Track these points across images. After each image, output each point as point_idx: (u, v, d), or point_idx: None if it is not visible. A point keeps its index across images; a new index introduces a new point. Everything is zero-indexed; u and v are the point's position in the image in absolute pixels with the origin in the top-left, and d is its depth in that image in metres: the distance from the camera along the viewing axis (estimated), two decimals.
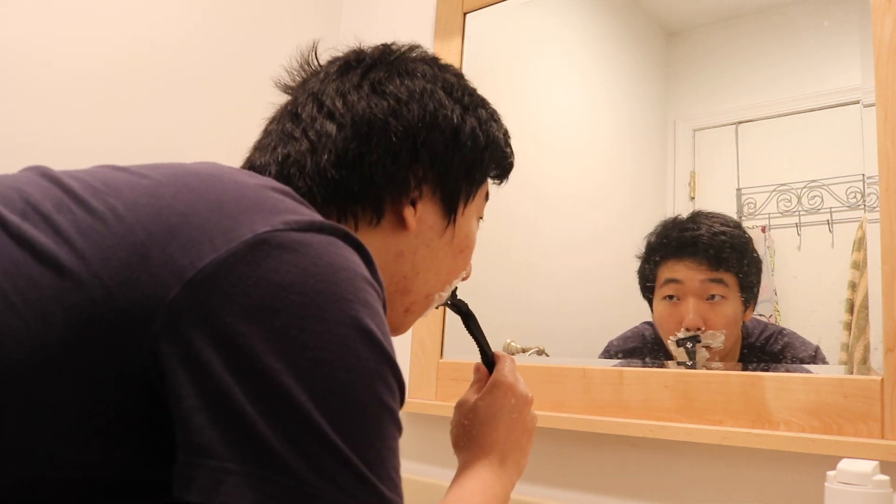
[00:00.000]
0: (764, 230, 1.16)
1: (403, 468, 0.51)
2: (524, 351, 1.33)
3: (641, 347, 1.22)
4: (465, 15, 1.52)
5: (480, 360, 0.87)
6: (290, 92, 0.75)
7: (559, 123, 1.48)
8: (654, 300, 1.21)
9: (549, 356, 1.31)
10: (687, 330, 1.14)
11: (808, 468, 0.96)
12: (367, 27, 1.73)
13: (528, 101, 1.50)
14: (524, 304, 1.40)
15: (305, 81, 0.74)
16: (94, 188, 0.52)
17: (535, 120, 1.47)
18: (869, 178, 1.02)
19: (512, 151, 0.79)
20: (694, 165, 1.27)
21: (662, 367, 1.16)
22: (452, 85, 0.72)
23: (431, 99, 0.70)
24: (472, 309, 0.87)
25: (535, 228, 1.42)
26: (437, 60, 0.75)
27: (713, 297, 1.15)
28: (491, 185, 0.80)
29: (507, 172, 0.80)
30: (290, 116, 0.70)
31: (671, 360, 1.16)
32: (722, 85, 1.27)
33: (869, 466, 0.76)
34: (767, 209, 1.16)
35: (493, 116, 0.76)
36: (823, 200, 1.11)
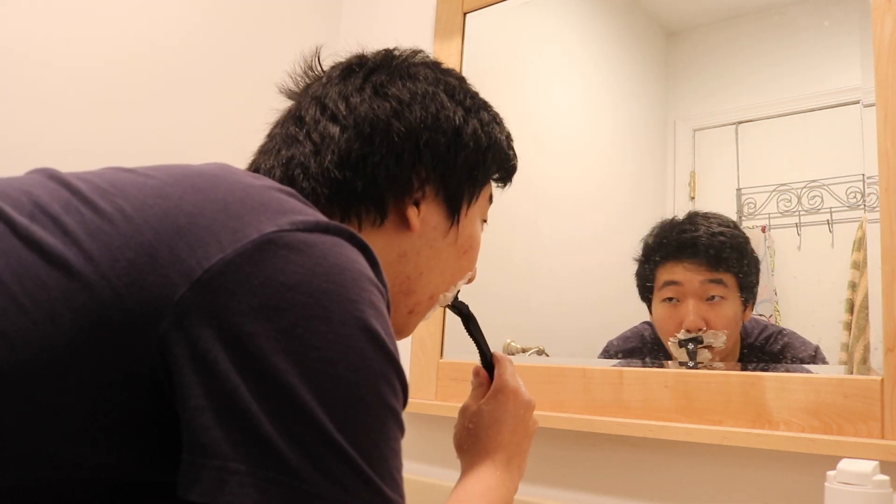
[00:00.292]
0: (764, 230, 1.16)
1: (404, 469, 0.51)
2: (524, 351, 1.33)
3: (641, 347, 1.22)
4: (465, 15, 1.52)
5: (480, 362, 0.87)
6: (293, 97, 0.76)
7: (559, 123, 1.48)
8: (652, 302, 1.21)
9: (549, 356, 1.31)
10: (688, 331, 1.14)
11: (808, 468, 0.96)
12: (367, 27, 1.73)
13: (528, 101, 1.50)
14: (524, 304, 1.40)
15: (308, 86, 0.75)
16: (101, 189, 0.52)
17: (535, 120, 1.47)
18: (869, 178, 1.02)
19: (515, 154, 0.79)
20: (694, 165, 1.27)
21: (662, 367, 1.16)
22: (454, 88, 0.73)
23: (433, 101, 0.70)
24: (472, 311, 0.87)
25: (535, 228, 1.42)
26: (438, 65, 0.76)
27: (713, 297, 1.15)
28: (494, 187, 0.80)
29: (510, 175, 0.80)
30: (293, 120, 0.71)
31: (671, 360, 1.16)
32: (722, 85, 1.27)
33: (869, 466, 0.76)
34: (767, 209, 1.16)
35: (495, 119, 0.77)
36: (823, 200, 1.11)
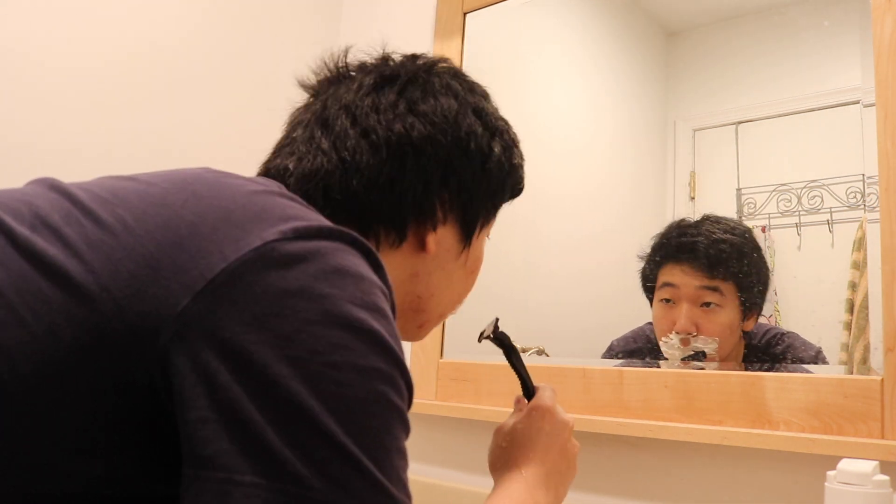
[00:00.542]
0: (764, 230, 1.16)
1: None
2: (524, 351, 1.33)
3: (644, 348, 1.22)
4: (465, 15, 1.52)
5: (521, 392, 0.87)
6: (312, 92, 0.73)
7: (559, 123, 1.48)
8: (653, 301, 1.21)
9: (549, 356, 1.31)
10: (677, 333, 1.14)
11: (808, 468, 0.96)
12: (367, 27, 1.73)
13: (528, 101, 1.50)
14: (524, 304, 1.40)
15: (332, 86, 0.72)
16: (102, 199, 0.52)
17: (535, 120, 1.47)
18: (869, 178, 1.02)
19: (524, 176, 0.79)
20: (694, 165, 1.27)
21: (666, 367, 1.16)
22: (482, 109, 0.73)
23: (464, 123, 0.70)
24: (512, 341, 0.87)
25: (534, 229, 1.42)
26: (465, 77, 0.75)
27: (708, 304, 1.14)
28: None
29: (515, 197, 0.80)
30: (319, 124, 0.68)
31: (665, 359, 1.16)
32: (722, 85, 1.27)
33: (869, 466, 0.76)
34: (767, 209, 1.16)
35: (514, 142, 0.77)
36: (823, 200, 1.11)
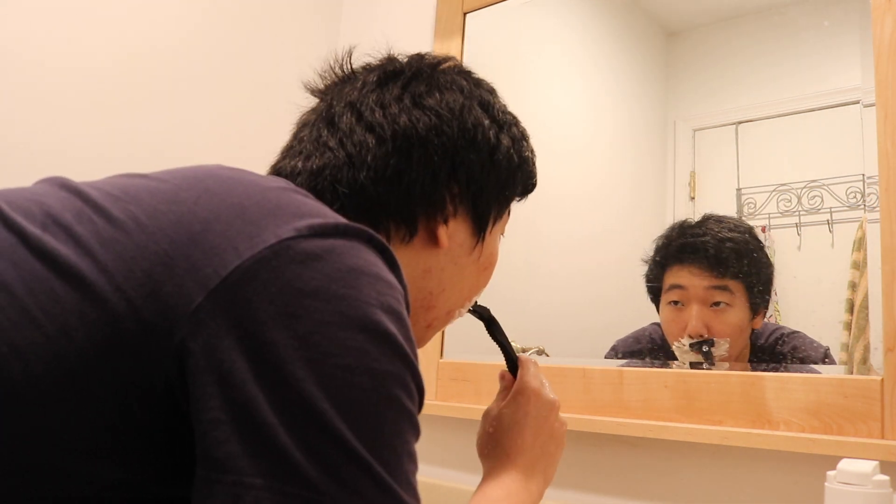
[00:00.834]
0: (764, 230, 1.16)
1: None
2: (524, 351, 1.33)
3: (647, 349, 1.22)
4: (465, 15, 1.52)
5: (506, 366, 0.86)
6: (319, 95, 0.74)
7: (559, 123, 1.48)
8: (660, 303, 1.21)
9: (549, 356, 1.31)
10: (690, 337, 1.13)
11: (808, 468, 0.96)
12: (367, 27, 1.73)
13: (528, 101, 1.50)
14: (524, 304, 1.39)
15: (337, 86, 0.72)
16: (114, 197, 0.51)
17: (535, 120, 1.45)
18: (869, 178, 1.02)
19: (536, 171, 0.79)
20: (694, 165, 1.27)
21: (666, 367, 1.16)
22: (489, 102, 0.72)
23: (470, 115, 0.70)
24: (493, 314, 0.86)
25: (534, 229, 1.42)
26: (471, 73, 0.75)
27: (718, 304, 1.14)
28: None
29: (528, 192, 0.79)
30: (325, 123, 0.69)
31: (676, 361, 1.16)
32: (722, 85, 1.27)
33: (869, 466, 0.76)
34: (767, 209, 1.16)
35: (523, 136, 0.76)
36: (823, 200, 1.11)
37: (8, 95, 1.23)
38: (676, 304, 1.17)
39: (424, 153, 0.66)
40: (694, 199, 1.25)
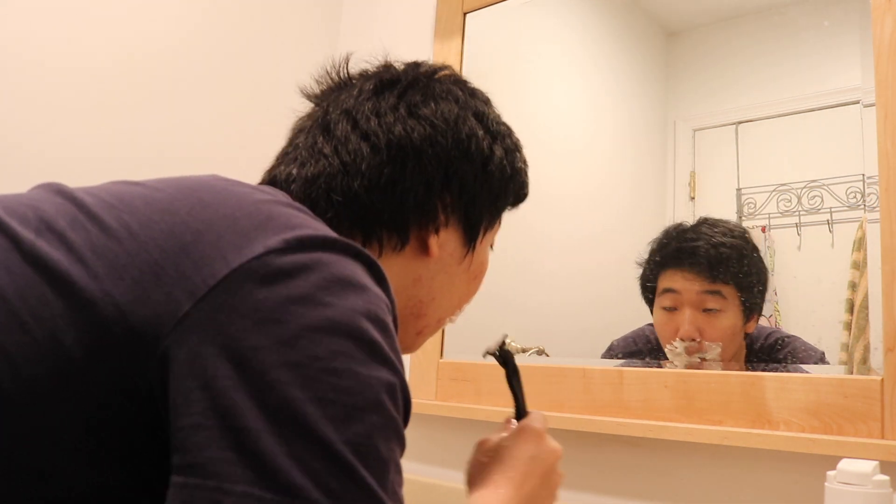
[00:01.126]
0: (764, 230, 1.16)
1: (404, 468, 0.51)
2: (524, 351, 1.33)
3: (644, 349, 1.22)
4: (465, 15, 1.53)
5: (514, 414, 0.83)
6: (315, 100, 0.74)
7: (559, 123, 1.48)
8: (654, 307, 1.21)
9: (549, 356, 1.31)
10: (682, 340, 1.14)
11: (808, 468, 0.96)
12: (367, 27, 1.73)
13: (528, 101, 1.50)
14: (524, 304, 1.39)
15: (333, 92, 0.73)
16: (108, 204, 0.52)
17: (535, 120, 1.47)
18: (869, 178, 1.02)
19: (528, 182, 0.79)
20: (694, 165, 1.26)
21: (663, 367, 1.16)
22: (483, 113, 0.73)
23: (464, 126, 0.70)
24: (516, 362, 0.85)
25: (534, 229, 1.42)
26: (466, 83, 0.75)
27: (710, 309, 1.14)
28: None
29: (519, 202, 0.80)
30: (321, 130, 0.69)
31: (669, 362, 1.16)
32: (722, 85, 1.27)
33: (869, 466, 0.76)
34: (767, 209, 1.16)
35: (516, 146, 0.77)
36: (823, 200, 1.11)
37: (8, 95, 1.23)
38: (670, 308, 1.17)
39: (418, 163, 0.67)
40: (694, 199, 1.25)
